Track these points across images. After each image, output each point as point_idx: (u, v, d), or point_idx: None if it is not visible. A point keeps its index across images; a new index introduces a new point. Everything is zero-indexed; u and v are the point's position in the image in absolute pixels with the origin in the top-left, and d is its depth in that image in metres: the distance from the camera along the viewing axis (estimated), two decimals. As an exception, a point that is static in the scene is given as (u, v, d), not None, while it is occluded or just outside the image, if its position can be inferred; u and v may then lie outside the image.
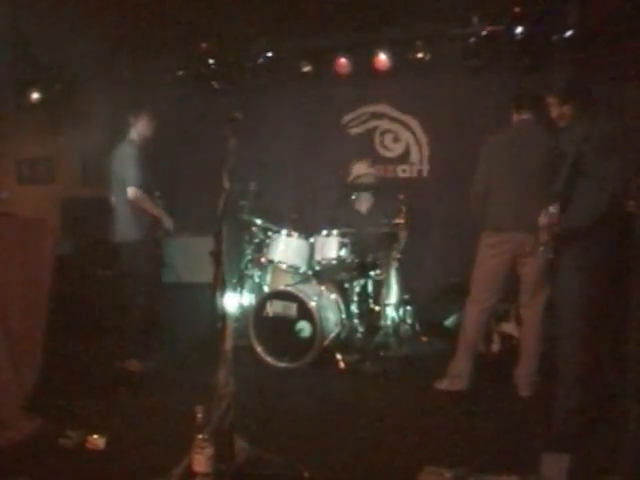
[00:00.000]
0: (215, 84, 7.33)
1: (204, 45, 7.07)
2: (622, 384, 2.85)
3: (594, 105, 3.97)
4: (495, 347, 5.77)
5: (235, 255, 6.64)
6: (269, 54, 6.95)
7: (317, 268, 6.20)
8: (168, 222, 5.76)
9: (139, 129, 5.71)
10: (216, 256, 3.45)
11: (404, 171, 7.20)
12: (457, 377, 4.99)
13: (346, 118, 7.31)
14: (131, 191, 5.47)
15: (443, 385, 5.03)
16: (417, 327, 6.60)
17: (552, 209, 3.85)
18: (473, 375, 4.98)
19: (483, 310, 4.99)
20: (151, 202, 5.64)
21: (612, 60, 5.84)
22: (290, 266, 6.17)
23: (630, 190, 4.05)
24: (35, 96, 7.57)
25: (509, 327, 5.58)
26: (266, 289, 6.29)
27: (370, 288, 6.46)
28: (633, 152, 4.25)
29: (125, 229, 5.61)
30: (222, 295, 3.47)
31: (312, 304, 5.65)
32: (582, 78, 3.98)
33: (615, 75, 5.81)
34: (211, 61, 7.17)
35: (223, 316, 3.50)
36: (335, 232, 6.10)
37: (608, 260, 3.87)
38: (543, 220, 3.97)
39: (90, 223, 6.88)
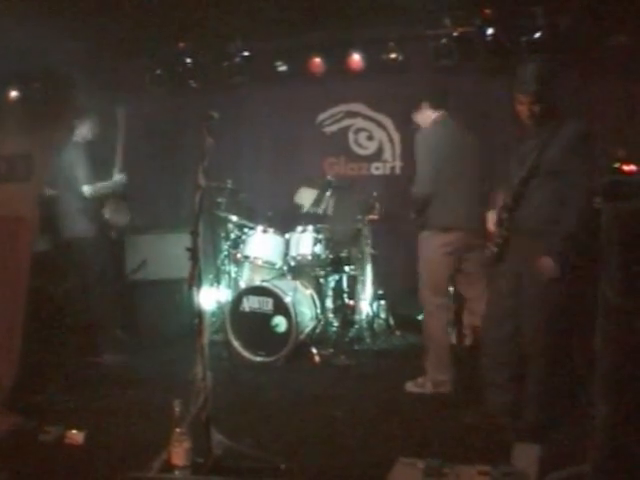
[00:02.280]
0: (192, 83, 7.35)
1: (181, 45, 7.10)
2: (590, 375, 2.91)
3: (562, 104, 4.04)
4: (468, 341, 5.86)
5: (211, 251, 6.69)
6: (245, 54, 6.98)
7: (292, 264, 6.25)
8: (123, 218, 6.10)
9: (82, 133, 6.00)
10: (192, 253, 3.49)
11: (377, 169, 7.27)
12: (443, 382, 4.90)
13: (321, 117, 7.36)
14: (86, 190, 5.78)
15: (427, 389, 4.92)
16: (391, 321, 6.68)
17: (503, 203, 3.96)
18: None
19: (445, 309, 5.05)
20: (104, 186, 5.95)
21: (580, 60, 5.97)
22: (266, 262, 6.22)
23: (597, 187, 4.16)
24: (13, 94, 7.53)
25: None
26: (242, 285, 6.32)
27: (345, 283, 6.55)
28: (600, 150, 4.37)
29: (74, 226, 5.85)
30: (198, 291, 3.52)
31: (287, 299, 5.71)
32: (552, 76, 4.02)
33: (582, 75, 5.94)
34: (188, 60, 7.20)
35: (199, 312, 3.55)
36: (310, 228, 6.17)
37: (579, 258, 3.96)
38: (493, 217, 4.10)
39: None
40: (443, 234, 4.81)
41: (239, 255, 6.34)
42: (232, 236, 6.54)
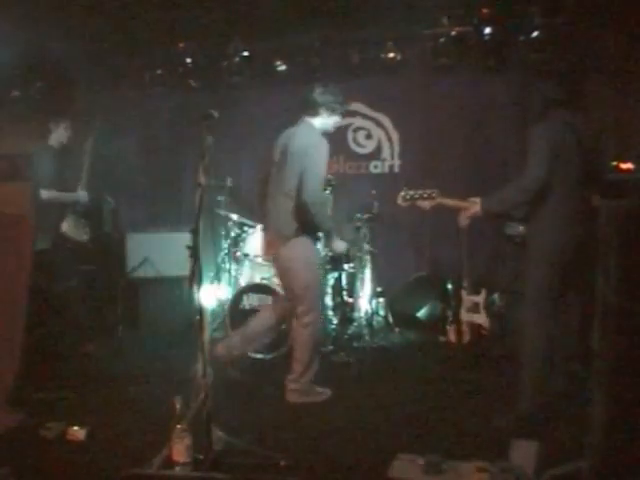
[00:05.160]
0: (192, 82, 7.37)
1: (181, 45, 7.12)
2: (588, 372, 2.93)
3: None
4: (465, 338, 5.90)
5: (212, 249, 6.72)
6: (245, 53, 7.01)
7: (292, 261, 6.28)
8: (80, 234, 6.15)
9: (57, 136, 6.09)
10: (193, 251, 3.51)
11: (376, 167, 7.29)
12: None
13: (320, 116, 7.38)
14: (44, 193, 5.83)
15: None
16: (389, 319, 6.72)
17: None
18: None
19: None
20: (65, 199, 6.02)
21: (576, 59, 6.01)
22: (266, 260, 6.25)
23: (596, 185, 4.22)
24: (14, 93, 7.55)
25: (479, 318, 5.69)
26: (242, 282, 6.33)
27: (344, 281, 6.55)
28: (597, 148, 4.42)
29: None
30: (198, 289, 3.54)
31: (287, 297, 5.74)
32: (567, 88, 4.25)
33: (578, 74, 5.97)
34: (188, 60, 7.22)
35: (199, 309, 3.58)
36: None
37: (573, 252, 4.02)
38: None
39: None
40: None
41: (239, 253, 6.36)
42: (232, 234, 6.56)
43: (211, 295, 6.52)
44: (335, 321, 6.30)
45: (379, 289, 6.73)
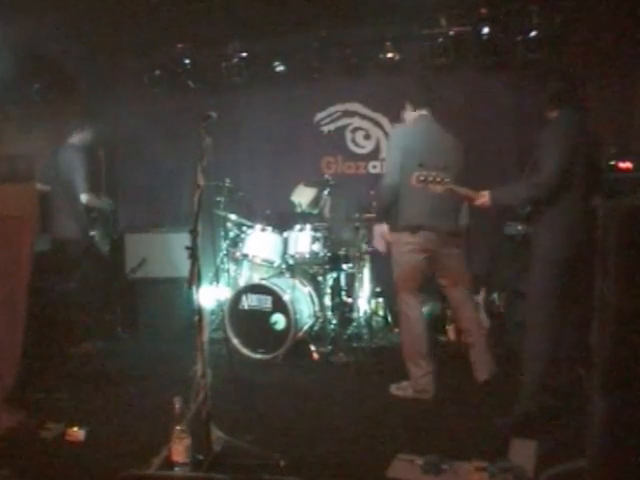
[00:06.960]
0: (191, 83, 7.37)
1: (180, 46, 7.12)
2: (588, 371, 2.93)
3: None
4: (464, 337, 5.90)
5: (211, 250, 6.72)
6: (243, 54, 7.00)
7: (291, 262, 6.27)
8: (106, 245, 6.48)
9: (83, 136, 6.23)
10: (192, 251, 3.52)
11: (374, 167, 7.27)
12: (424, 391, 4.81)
13: (318, 116, 7.37)
14: (85, 197, 6.06)
15: (408, 393, 4.83)
16: (388, 319, 6.72)
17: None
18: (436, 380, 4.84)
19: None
20: (99, 202, 6.37)
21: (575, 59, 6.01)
22: (264, 260, 6.25)
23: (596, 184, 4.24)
24: (14, 94, 7.53)
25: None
26: (241, 283, 6.35)
27: (343, 281, 6.56)
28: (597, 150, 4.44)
29: (63, 227, 6.15)
30: (197, 289, 3.55)
31: (286, 297, 5.75)
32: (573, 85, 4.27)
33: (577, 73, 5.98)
34: (187, 61, 7.22)
35: (198, 310, 3.59)
36: (308, 227, 6.19)
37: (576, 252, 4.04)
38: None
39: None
40: (410, 234, 4.75)
41: (238, 253, 6.36)
42: (231, 235, 6.58)
43: (210, 296, 6.52)
44: (334, 321, 6.31)
45: (378, 289, 6.72)
